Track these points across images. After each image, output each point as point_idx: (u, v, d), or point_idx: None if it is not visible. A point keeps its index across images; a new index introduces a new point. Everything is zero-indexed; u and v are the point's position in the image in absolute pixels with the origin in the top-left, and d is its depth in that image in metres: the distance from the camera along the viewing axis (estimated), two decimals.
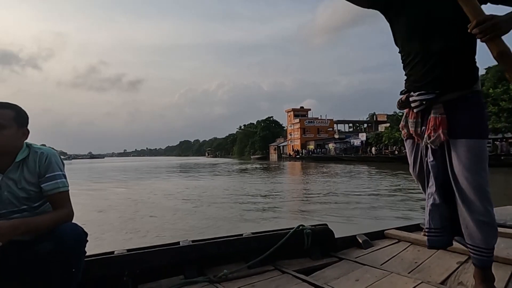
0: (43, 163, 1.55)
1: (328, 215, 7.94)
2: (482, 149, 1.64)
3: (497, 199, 2.08)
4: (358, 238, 2.57)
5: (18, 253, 1.49)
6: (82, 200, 10.89)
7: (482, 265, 1.70)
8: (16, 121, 1.52)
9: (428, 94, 1.67)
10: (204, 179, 20.99)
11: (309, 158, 53.75)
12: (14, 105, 1.57)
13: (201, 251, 2.09)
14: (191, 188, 14.94)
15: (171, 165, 49.20)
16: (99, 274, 1.77)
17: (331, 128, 71.63)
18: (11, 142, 1.50)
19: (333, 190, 13.05)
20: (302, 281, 1.92)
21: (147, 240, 5.75)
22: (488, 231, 1.65)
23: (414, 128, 1.80)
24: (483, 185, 1.61)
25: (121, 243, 5.46)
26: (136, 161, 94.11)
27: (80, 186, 16.45)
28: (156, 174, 27.74)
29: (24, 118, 1.58)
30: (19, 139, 1.55)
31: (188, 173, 28.36)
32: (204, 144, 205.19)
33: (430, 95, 1.67)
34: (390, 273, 1.99)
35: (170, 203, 10.54)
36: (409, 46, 1.72)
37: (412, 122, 1.81)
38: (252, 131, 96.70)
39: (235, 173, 27.19)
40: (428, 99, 1.68)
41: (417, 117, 1.78)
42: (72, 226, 1.52)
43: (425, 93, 1.68)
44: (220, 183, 17.79)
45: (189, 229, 6.74)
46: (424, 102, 1.69)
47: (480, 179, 1.61)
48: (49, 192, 1.54)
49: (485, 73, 32.09)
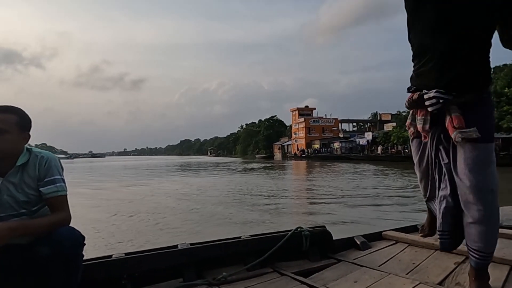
0: (43, 167, 1.59)
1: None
2: (490, 151, 1.65)
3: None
4: (356, 239, 2.61)
5: (16, 257, 1.52)
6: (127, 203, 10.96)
7: (478, 267, 1.74)
8: (18, 126, 1.56)
9: (446, 94, 1.62)
10: (220, 177, 21.52)
11: (315, 157, 53.61)
12: (17, 109, 1.60)
13: (199, 254, 2.13)
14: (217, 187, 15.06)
15: (177, 164, 49.56)
16: (98, 278, 1.81)
17: (335, 128, 71.71)
18: (12, 146, 1.53)
19: (361, 189, 13.31)
20: (301, 283, 1.96)
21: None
22: (490, 235, 1.67)
23: (422, 124, 1.77)
24: (488, 189, 1.62)
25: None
26: (139, 160, 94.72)
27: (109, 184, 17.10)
28: (172, 173, 27.96)
29: (26, 122, 1.61)
30: (20, 143, 1.58)
31: (203, 171, 28.86)
32: (205, 143, 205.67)
33: (448, 95, 1.62)
34: (388, 274, 2.03)
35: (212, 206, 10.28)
36: (430, 40, 1.65)
37: (420, 119, 1.77)
38: (255, 130, 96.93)
39: (252, 171, 27.80)
40: (445, 99, 1.62)
41: (426, 114, 1.74)
42: (69, 230, 1.55)
43: (444, 92, 1.62)
44: (241, 181, 18.51)
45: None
46: (441, 101, 1.62)
47: (485, 183, 1.61)
48: (47, 195, 1.57)
49: (498, 71, 31.98)
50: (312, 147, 63.62)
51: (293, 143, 73.48)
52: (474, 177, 1.61)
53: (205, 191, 13.92)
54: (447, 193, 1.74)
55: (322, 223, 4.08)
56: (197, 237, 5.89)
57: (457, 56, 1.58)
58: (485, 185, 1.62)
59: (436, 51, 1.63)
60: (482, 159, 1.62)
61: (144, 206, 10.06)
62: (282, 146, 78.40)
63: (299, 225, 2.46)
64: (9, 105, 1.58)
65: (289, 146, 75.77)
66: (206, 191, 13.88)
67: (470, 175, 1.62)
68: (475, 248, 1.70)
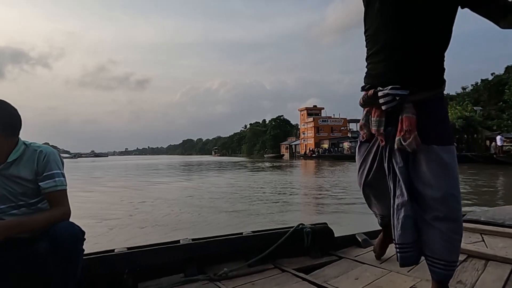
0: (41, 161, 1.61)
1: None
2: (453, 155, 1.60)
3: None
4: (358, 237, 2.67)
5: (16, 252, 1.58)
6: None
7: (439, 279, 1.66)
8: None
9: (402, 89, 1.57)
10: (250, 175, 21.87)
11: (326, 157, 53.08)
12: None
13: (201, 249, 2.20)
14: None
15: (187, 163, 49.66)
16: (100, 272, 1.88)
17: (344, 127, 71.60)
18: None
19: None
20: (302, 279, 2.02)
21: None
22: (452, 244, 1.60)
23: (377, 127, 1.69)
24: (453, 195, 1.56)
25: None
26: (146, 159, 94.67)
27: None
28: (192, 172, 28.03)
29: (9, 122, 1.60)
30: (4, 144, 1.58)
31: (226, 170, 29.06)
32: (207, 143, 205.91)
33: (404, 91, 1.57)
34: (390, 271, 2.09)
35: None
36: (383, 35, 1.62)
37: (375, 121, 1.69)
38: (261, 130, 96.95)
39: (275, 169, 28.45)
40: (402, 95, 1.57)
41: (381, 115, 1.67)
42: (67, 225, 1.57)
43: (399, 87, 1.57)
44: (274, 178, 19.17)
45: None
46: (397, 97, 1.57)
47: (449, 189, 1.55)
48: (46, 190, 1.60)
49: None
50: (321, 147, 63.48)
51: (301, 143, 73.37)
52: (437, 182, 1.55)
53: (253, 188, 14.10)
54: (404, 200, 1.63)
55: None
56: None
57: (415, 52, 1.56)
58: (449, 191, 1.56)
59: (393, 46, 1.59)
60: (446, 163, 1.57)
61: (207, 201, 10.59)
62: (289, 145, 78.33)
63: (301, 222, 2.53)
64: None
65: (297, 146, 75.69)
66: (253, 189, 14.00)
67: (433, 180, 1.56)
68: (437, 258, 1.62)
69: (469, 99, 42.17)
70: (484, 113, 38.80)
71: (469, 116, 34.25)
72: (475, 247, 2.37)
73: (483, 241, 2.60)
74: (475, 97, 44.73)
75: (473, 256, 2.25)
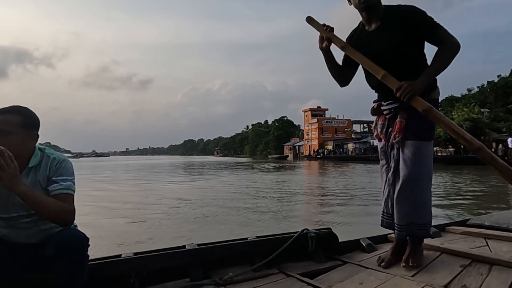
0: (53, 167, 1.64)
1: None
2: (426, 149, 2.17)
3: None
4: (362, 242, 2.70)
5: (22, 257, 1.62)
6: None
7: (399, 238, 2.28)
8: (22, 126, 1.60)
9: (394, 103, 2.21)
10: (262, 176, 22.29)
11: (331, 158, 52.96)
12: (22, 109, 1.64)
13: (206, 254, 2.24)
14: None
15: (191, 163, 49.93)
16: (106, 277, 1.91)
17: (348, 128, 71.74)
18: (17, 147, 1.55)
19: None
20: (307, 284, 2.05)
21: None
22: (408, 210, 2.18)
23: (380, 129, 2.32)
24: (420, 178, 2.15)
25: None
26: (150, 159, 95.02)
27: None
28: (202, 172, 28.02)
29: (33, 122, 1.66)
30: (27, 143, 1.63)
31: (236, 170, 29.26)
32: (209, 143, 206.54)
33: (395, 104, 2.20)
34: (394, 276, 2.11)
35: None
36: (369, 76, 2.23)
37: (380, 125, 2.33)
38: (264, 131, 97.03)
39: (283, 170, 29.22)
40: (395, 107, 2.21)
41: (385, 120, 2.30)
42: (72, 231, 1.60)
43: (392, 102, 2.22)
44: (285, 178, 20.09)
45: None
46: (392, 110, 2.23)
47: (418, 173, 2.13)
48: (52, 192, 1.60)
49: None
50: (325, 148, 63.48)
51: (305, 144, 73.53)
52: (408, 167, 2.14)
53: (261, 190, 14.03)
54: (390, 182, 2.29)
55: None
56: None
57: (395, 76, 2.00)
58: (416, 174, 2.13)
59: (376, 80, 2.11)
60: (417, 154, 2.13)
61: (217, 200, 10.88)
62: (293, 146, 78.48)
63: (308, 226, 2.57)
64: (13, 106, 1.63)
65: (300, 147, 75.81)
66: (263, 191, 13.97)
67: (405, 166, 2.15)
68: (397, 223, 2.24)
69: (475, 101, 42.05)
70: (491, 115, 38.69)
71: (476, 118, 34.17)
72: (479, 252, 2.40)
73: (487, 246, 2.62)
74: (481, 99, 44.67)
75: (477, 260, 2.28)
